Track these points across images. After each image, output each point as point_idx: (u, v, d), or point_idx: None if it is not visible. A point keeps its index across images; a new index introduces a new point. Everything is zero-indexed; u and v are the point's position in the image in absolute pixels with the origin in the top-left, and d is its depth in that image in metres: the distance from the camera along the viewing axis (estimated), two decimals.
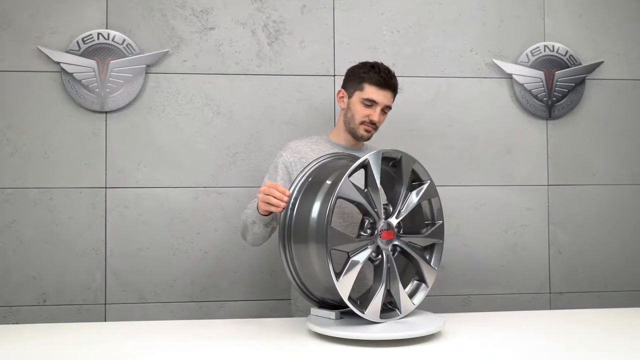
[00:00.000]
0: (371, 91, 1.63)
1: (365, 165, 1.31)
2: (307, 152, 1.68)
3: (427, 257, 1.46)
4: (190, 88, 2.07)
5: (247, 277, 2.08)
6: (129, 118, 2.04)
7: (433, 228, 1.46)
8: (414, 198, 1.40)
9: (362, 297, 1.37)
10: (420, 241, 1.44)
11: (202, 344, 1.27)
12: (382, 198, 1.51)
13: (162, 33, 2.06)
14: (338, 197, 1.26)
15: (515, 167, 2.19)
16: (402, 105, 2.15)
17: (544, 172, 2.20)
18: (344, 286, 1.26)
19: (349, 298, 1.27)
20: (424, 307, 2.11)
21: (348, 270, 1.26)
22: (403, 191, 1.36)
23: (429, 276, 1.44)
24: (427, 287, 1.44)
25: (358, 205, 1.32)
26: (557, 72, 2.18)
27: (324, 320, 1.35)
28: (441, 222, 1.47)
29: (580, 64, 2.20)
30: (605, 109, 2.23)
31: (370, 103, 1.64)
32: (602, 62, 2.21)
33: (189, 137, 2.06)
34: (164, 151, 2.05)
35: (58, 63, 1.99)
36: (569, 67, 2.19)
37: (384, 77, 1.62)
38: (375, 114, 1.64)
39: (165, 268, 2.04)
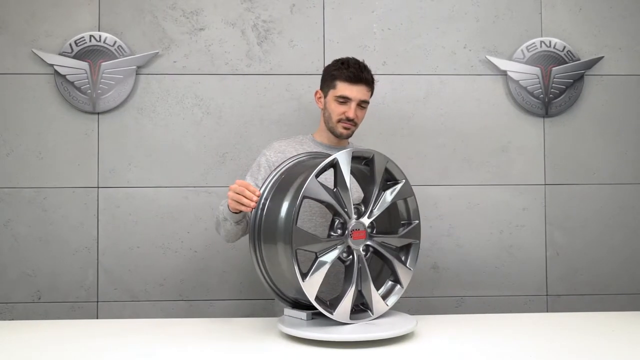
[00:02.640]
0: (343, 88, 1.61)
1: (334, 165, 1.30)
2: (291, 152, 1.67)
3: (403, 258, 1.44)
4: (180, 88, 2.08)
5: (237, 276, 2.08)
6: (120, 119, 2.07)
7: (408, 228, 1.44)
8: (387, 198, 1.38)
9: (335, 299, 1.36)
10: (395, 241, 1.42)
11: (176, 343, 1.28)
12: (358, 197, 1.50)
13: (153, 34, 2.08)
14: (305, 197, 1.26)
15: (510, 165, 2.14)
16: (393, 104, 2.12)
17: (540, 170, 2.14)
18: (311, 287, 1.25)
19: (318, 299, 1.26)
20: (416, 308, 2.09)
21: (315, 271, 1.25)
22: (375, 191, 1.33)
23: (404, 277, 1.42)
24: (402, 288, 1.41)
25: (327, 205, 1.31)
26: (554, 69, 2.12)
27: (295, 321, 1.35)
28: (417, 222, 1.45)
29: (579, 60, 2.13)
30: (605, 105, 2.16)
31: (344, 100, 1.62)
32: (602, 57, 2.14)
33: (179, 137, 2.08)
34: (155, 151, 2.08)
35: (51, 65, 2.04)
36: (566, 63, 2.13)
37: (354, 72, 1.60)
38: (350, 110, 1.62)
39: (155, 267, 2.06)
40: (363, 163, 1.39)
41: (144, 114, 2.08)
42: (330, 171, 1.32)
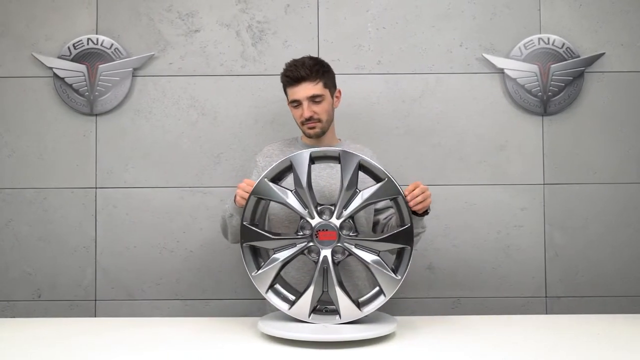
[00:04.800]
0: (290, 93, 1.64)
1: (291, 166, 1.33)
2: (279, 155, 1.71)
3: (394, 265, 1.35)
4: (176, 90, 2.11)
5: (232, 275, 2.09)
6: (117, 120, 2.10)
7: (392, 232, 1.32)
8: (359, 199, 1.32)
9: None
10: (378, 245, 1.33)
11: (168, 341, 1.32)
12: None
13: (149, 37, 2.11)
14: (258, 198, 1.34)
15: (508, 165, 2.10)
16: (388, 103, 2.11)
17: (539, 170, 2.10)
18: (260, 280, 1.33)
19: (279, 293, 1.34)
20: (412, 308, 2.07)
21: (266, 266, 1.33)
22: (342, 191, 1.31)
23: (387, 285, 1.31)
24: (385, 297, 1.31)
25: (283, 205, 1.34)
26: (552, 66, 2.08)
27: (274, 320, 1.37)
28: (407, 225, 1.32)
29: (579, 57, 2.09)
30: (607, 103, 2.11)
31: (296, 103, 1.64)
32: (603, 53, 2.09)
33: (175, 138, 2.10)
34: (151, 152, 2.10)
35: (51, 68, 2.08)
36: (566, 60, 2.08)
37: (289, 75, 1.61)
38: (305, 110, 1.62)
39: (152, 266, 2.09)
40: (339, 162, 1.38)
41: (141, 115, 2.11)
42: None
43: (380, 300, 1.31)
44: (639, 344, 1.27)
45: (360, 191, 1.33)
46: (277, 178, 1.38)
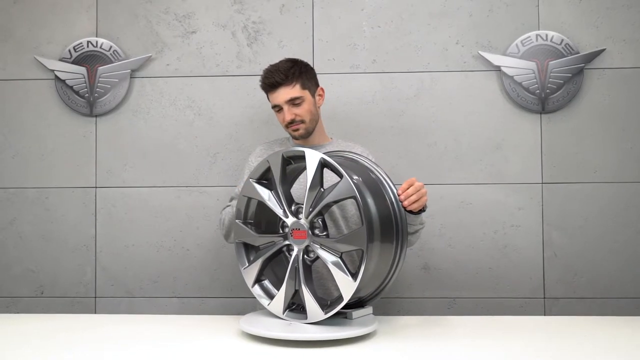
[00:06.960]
0: (271, 98, 1.66)
1: (269, 167, 1.35)
2: None
3: (358, 267, 1.27)
4: (173, 91, 2.14)
5: (228, 274, 2.12)
6: (116, 121, 2.14)
7: (347, 234, 1.29)
8: (322, 197, 1.28)
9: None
10: (339, 246, 1.27)
11: (160, 338, 1.33)
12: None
13: (147, 38, 2.14)
14: (247, 197, 1.38)
15: (505, 164, 2.08)
16: (383, 102, 2.10)
17: (537, 169, 2.07)
18: (247, 274, 1.39)
19: (264, 289, 1.40)
20: (407, 309, 2.06)
21: (253, 261, 1.38)
22: (307, 190, 1.29)
23: (344, 287, 1.24)
24: (342, 299, 1.25)
25: (265, 204, 1.37)
26: (551, 63, 2.04)
27: (256, 318, 1.38)
28: (361, 226, 1.24)
29: (578, 53, 2.04)
30: (607, 100, 2.06)
31: (277, 108, 1.66)
32: (604, 49, 2.05)
33: (171, 138, 2.14)
34: (149, 152, 2.14)
35: (52, 71, 2.13)
36: (564, 56, 2.04)
37: (266, 82, 1.63)
38: (286, 114, 1.63)
39: (149, 265, 2.13)
40: None
41: (139, 116, 2.14)
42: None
43: (340, 302, 1.26)
44: (639, 347, 1.24)
45: (324, 190, 1.29)
46: (262, 178, 1.40)
